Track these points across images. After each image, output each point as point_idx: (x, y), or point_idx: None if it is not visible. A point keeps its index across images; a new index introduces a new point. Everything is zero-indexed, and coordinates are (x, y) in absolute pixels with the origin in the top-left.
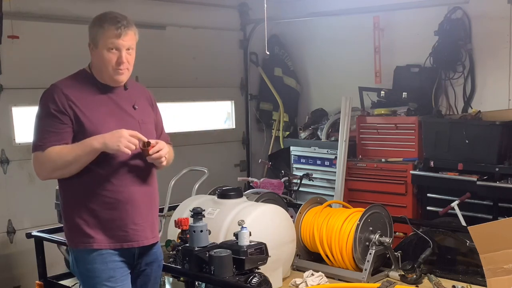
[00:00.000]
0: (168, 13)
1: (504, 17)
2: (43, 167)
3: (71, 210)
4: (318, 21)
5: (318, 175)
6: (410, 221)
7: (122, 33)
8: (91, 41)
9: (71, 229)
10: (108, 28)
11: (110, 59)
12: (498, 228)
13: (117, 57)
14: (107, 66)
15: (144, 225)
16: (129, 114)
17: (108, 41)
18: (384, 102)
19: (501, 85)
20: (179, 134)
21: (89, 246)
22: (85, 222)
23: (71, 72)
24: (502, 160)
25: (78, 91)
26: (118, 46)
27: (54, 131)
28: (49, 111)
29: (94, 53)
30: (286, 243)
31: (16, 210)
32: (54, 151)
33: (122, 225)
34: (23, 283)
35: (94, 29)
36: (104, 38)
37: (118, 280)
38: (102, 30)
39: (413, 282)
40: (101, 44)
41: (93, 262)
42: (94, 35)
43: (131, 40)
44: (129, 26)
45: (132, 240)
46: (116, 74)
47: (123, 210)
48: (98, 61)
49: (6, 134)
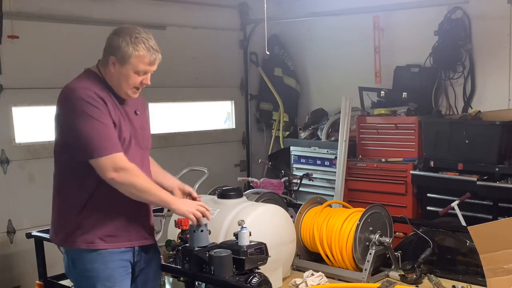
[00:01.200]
0: (168, 13)
1: (504, 17)
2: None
3: (73, 210)
4: (318, 21)
5: (318, 175)
6: (410, 221)
7: (156, 60)
8: (115, 57)
9: (72, 229)
10: (144, 55)
11: (136, 81)
12: (498, 228)
13: (141, 79)
14: (129, 85)
15: (145, 225)
16: (133, 120)
17: (141, 66)
18: (384, 102)
19: (501, 85)
20: (179, 134)
21: (92, 247)
22: (89, 222)
23: (71, 71)
24: (502, 160)
25: (105, 96)
26: (147, 71)
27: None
28: (98, 113)
29: (117, 69)
30: (286, 243)
31: (16, 210)
32: (142, 175)
33: (126, 225)
34: (23, 283)
35: (126, 47)
36: (137, 62)
37: (117, 280)
38: (137, 53)
39: (413, 282)
40: (130, 66)
41: (93, 262)
42: (123, 54)
43: (158, 64)
44: (159, 51)
45: (135, 240)
46: (133, 93)
47: (128, 210)
48: (119, 78)
49: (6, 134)
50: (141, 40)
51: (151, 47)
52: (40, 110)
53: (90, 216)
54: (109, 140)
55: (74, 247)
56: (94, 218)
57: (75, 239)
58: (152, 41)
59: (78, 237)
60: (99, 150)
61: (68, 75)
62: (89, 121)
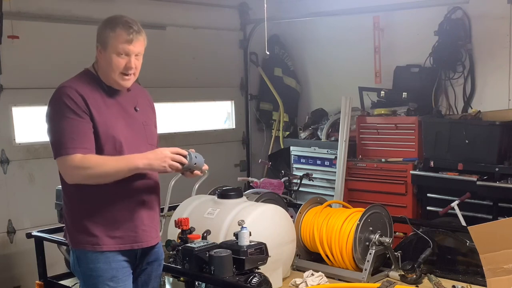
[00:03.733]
0: (168, 13)
1: (504, 17)
2: (76, 172)
3: (80, 211)
4: (318, 21)
5: (318, 175)
6: (410, 221)
7: (134, 39)
8: (99, 43)
9: (79, 231)
10: (120, 33)
11: (119, 64)
12: (498, 228)
13: (125, 62)
14: (115, 70)
15: (151, 226)
16: (133, 116)
17: (119, 46)
18: (384, 102)
19: (501, 85)
20: (179, 134)
21: (99, 249)
22: (96, 224)
23: (71, 71)
24: (502, 160)
25: (90, 92)
26: (128, 51)
27: (82, 132)
28: (71, 112)
29: (102, 56)
30: (286, 243)
31: (16, 210)
32: (94, 159)
33: (133, 226)
34: (23, 283)
35: (104, 31)
36: (115, 42)
37: (120, 280)
38: (113, 34)
39: (413, 282)
40: (110, 48)
41: (96, 262)
42: (104, 38)
43: (141, 46)
44: (140, 32)
45: (141, 241)
46: (122, 79)
47: (135, 211)
48: (105, 64)
49: (6, 134)
50: (120, 22)
51: (129, 27)
52: (40, 110)
53: (101, 219)
54: (67, 141)
55: (80, 248)
56: (99, 218)
57: (80, 239)
58: (135, 24)
59: (84, 238)
60: (56, 151)
61: (68, 75)
62: (58, 120)
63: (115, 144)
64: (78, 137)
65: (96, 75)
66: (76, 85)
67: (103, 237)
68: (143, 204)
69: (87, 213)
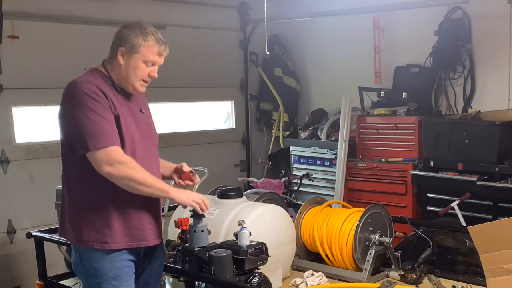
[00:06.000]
0: (168, 13)
1: (504, 17)
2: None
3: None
4: (318, 21)
5: (318, 175)
6: (410, 221)
7: (163, 52)
8: (126, 47)
9: (88, 229)
10: (153, 44)
11: (143, 72)
12: (498, 228)
13: (149, 71)
14: (138, 77)
15: (156, 224)
16: (139, 117)
17: (150, 56)
18: (384, 102)
19: (501, 85)
20: (179, 134)
21: (107, 247)
22: (106, 222)
23: (71, 71)
24: (502, 160)
25: (107, 90)
26: (155, 62)
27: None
28: (96, 105)
29: (125, 59)
30: (286, 243)
31: (16, 210)
32: (138, 168)
33: (140, 224)
34: (23, 283)
35: (135, 38)
36: (146, 51)
37: (123, 280)
38: (146, 43)
39: (413, 282)
40: (139, 55)
41: (100, 260)
42: (133, 43)
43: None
44: (166, 45)
45: (147, 239)
46: (141, 86)
47: (142, 210)
48: (127, 68)
49: (6, 134)
50: (150, 32)
51: (159, 39)
52: (40, 110)
53: (109, 217)
54: (106, 133)
55: (86, 246)
56: (105, 217)
57: (88, 237)
58: (160, 35)
59: (92, 236)
60: (94, 143)
61: (68, 75)
62: (88, 113)
63: (132, 142)
64: (110, 130)
65: (108, 75)
66: (95, 81)
67: (114, 235)
68: (149, 203)
69: (98, 211)
